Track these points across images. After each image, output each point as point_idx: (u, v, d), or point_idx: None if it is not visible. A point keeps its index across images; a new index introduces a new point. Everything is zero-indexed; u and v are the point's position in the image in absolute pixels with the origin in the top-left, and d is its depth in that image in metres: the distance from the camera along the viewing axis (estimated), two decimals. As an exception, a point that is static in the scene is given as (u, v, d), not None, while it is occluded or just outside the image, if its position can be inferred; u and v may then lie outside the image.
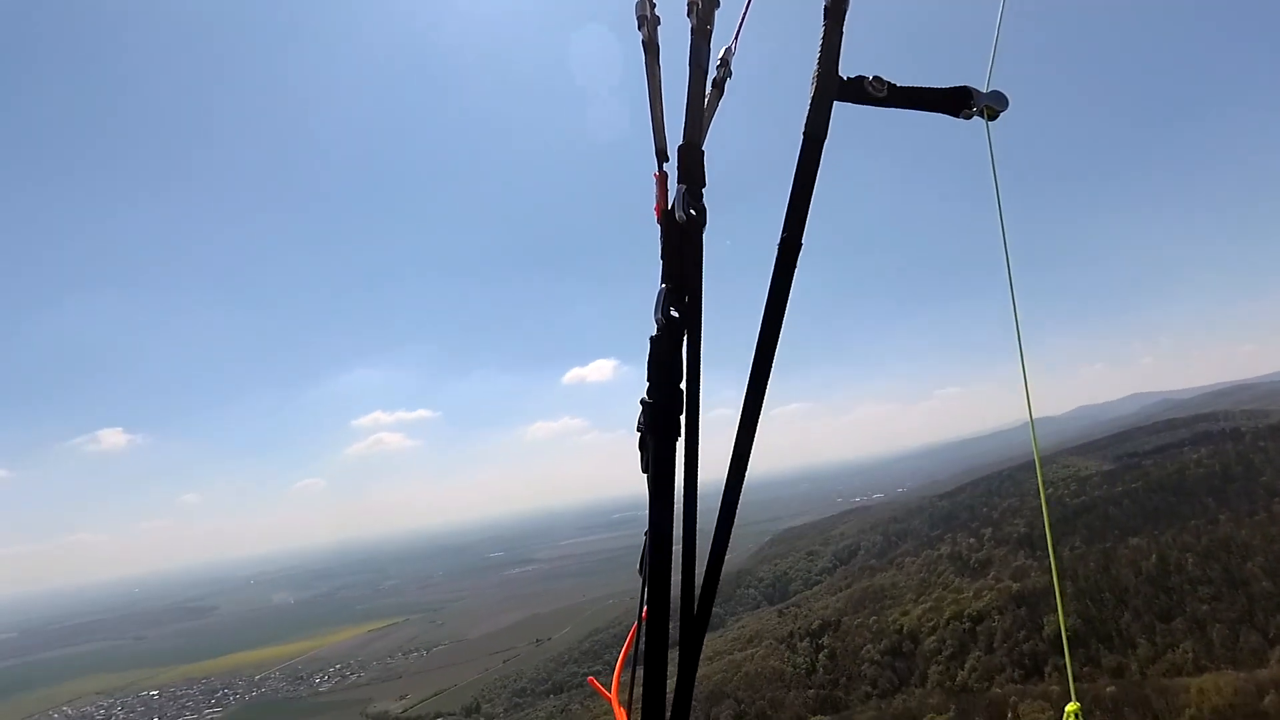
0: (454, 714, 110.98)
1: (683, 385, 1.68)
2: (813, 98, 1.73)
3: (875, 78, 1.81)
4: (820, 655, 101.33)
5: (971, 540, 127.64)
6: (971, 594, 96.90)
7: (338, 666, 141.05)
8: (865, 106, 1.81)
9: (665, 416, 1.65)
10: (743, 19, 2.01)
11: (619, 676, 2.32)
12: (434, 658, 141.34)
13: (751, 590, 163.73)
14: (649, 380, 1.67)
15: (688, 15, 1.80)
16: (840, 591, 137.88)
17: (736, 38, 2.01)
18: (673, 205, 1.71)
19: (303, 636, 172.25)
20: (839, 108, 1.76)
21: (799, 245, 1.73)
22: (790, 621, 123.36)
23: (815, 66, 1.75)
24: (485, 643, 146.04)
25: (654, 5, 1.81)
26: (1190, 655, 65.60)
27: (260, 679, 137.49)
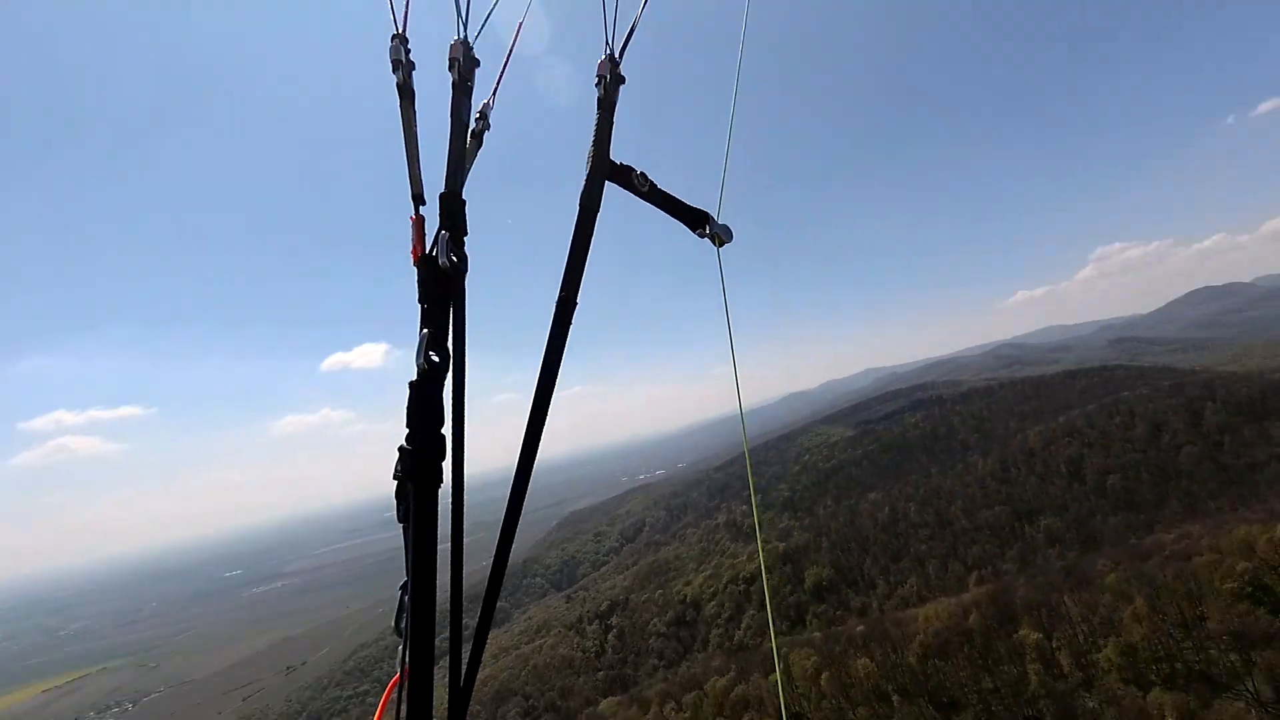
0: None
1: (446, 431, 1.71)
2: (588, 174, 1.99)
3: (641, 173, 2.13)
4: (609, 636, 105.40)
5: (744, 507, 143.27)
6: (745, 557, 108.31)
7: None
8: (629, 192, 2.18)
9: (427, 464, 1.68)
10: (500, 77, 2.23)
11: None
12: (146, 710, 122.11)
13: (538, 579, 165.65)
14: (409, 427, 1.69)
15: (449, 70, 1.96)
16: (627, 569, 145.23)
17: (495, 93, 2.21)
18: (433, 250, 1.79)
19: None
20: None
21: (575, 304, 1.90)
22: (578, 606, 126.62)
23: (590, 147, 2.01)
24: (218, 681, 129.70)
25: (409, 51, 1.89)
26: (915, 589, 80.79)
27: None
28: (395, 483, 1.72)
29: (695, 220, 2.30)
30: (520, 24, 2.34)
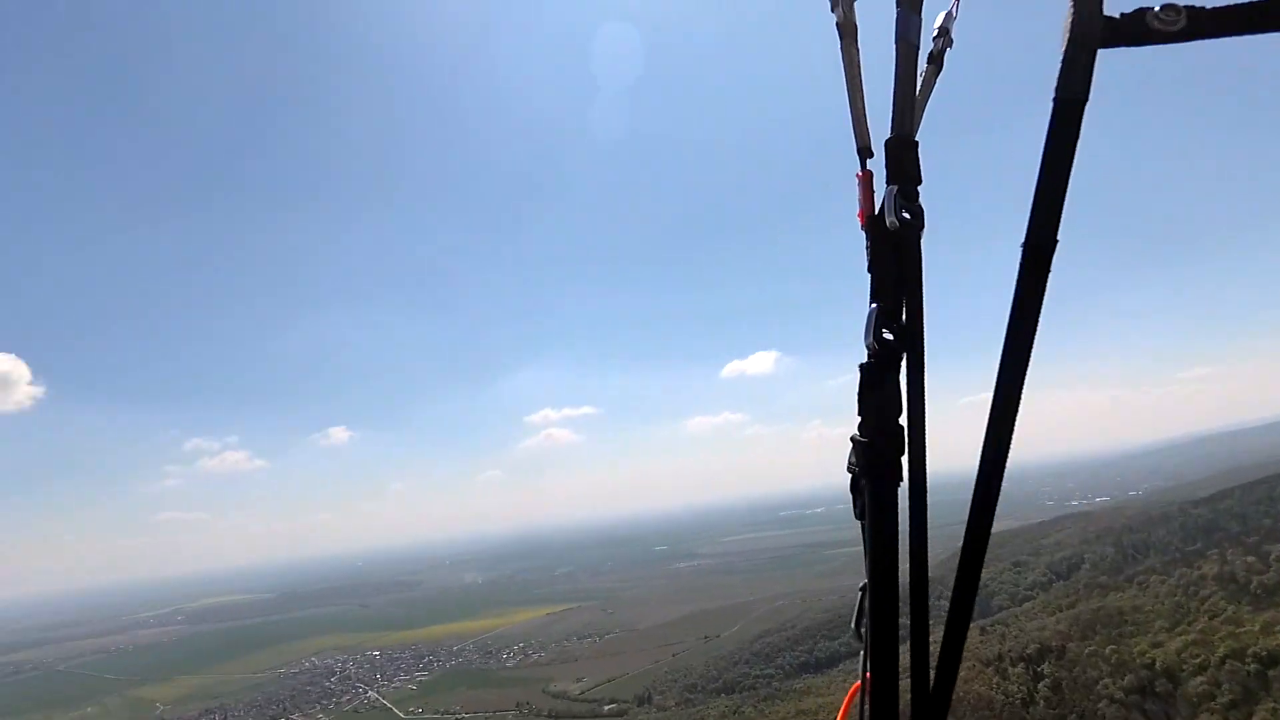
0: (627, 701, 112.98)
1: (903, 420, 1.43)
2: (1065, 51, 1.18)
3: (1165, 6, 1.21)
4: (1040, 685, 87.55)
5: (1250, 558, 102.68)
6: (1258, 628, 77.10)
7: (520, 645, 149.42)
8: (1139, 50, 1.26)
9: (884, 458, 1.43)
10: None
11: None
12: (606, 644, 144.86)
13: (945, 602, 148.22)
14: (860, 414, 1.44)
15: None
16: (1060, 612, 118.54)
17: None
18: (881, 209, 1.43)
19: (490, 614, 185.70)
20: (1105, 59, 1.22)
21: (1053, 244, 1.25)
22: (997, 642, 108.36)
23: (1068, 11, 1.21)
24: (654, 634, 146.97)
25: None
26: None
27: (457, 649, 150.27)
28: (849, 475, 1.49)
29: None
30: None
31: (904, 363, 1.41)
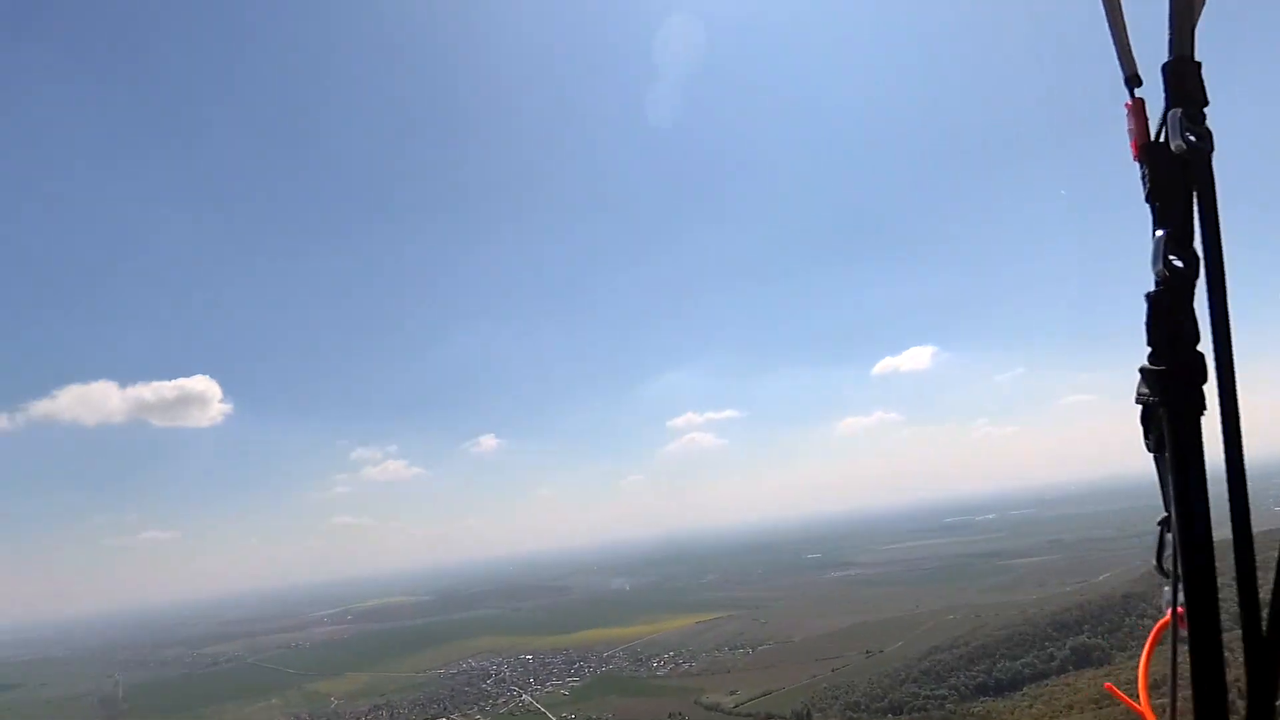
0: (784, 718, 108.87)
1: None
2: None
3: None
4: (1293, 724, 74.92)
5: None
6: None
7: (671, 653, 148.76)
8: None
9: (1182, 386, 1.43)
10: None
11: (1145, 685, 2.07)
12: (760, 656, 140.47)
13: (1148, 621, 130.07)
14: (1150, 344, 1.47)
15: None
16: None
17: None
18: (1160, 134, 1.46)
19: (639, 621, 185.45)
20: None
21: None
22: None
23: None
24: (810, 647, 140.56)
25: None
26: None
27: (608, 656, 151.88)
28: (1139, 407, 1.51)
29: None
30: None
31: (1208, 287, 1.42)
